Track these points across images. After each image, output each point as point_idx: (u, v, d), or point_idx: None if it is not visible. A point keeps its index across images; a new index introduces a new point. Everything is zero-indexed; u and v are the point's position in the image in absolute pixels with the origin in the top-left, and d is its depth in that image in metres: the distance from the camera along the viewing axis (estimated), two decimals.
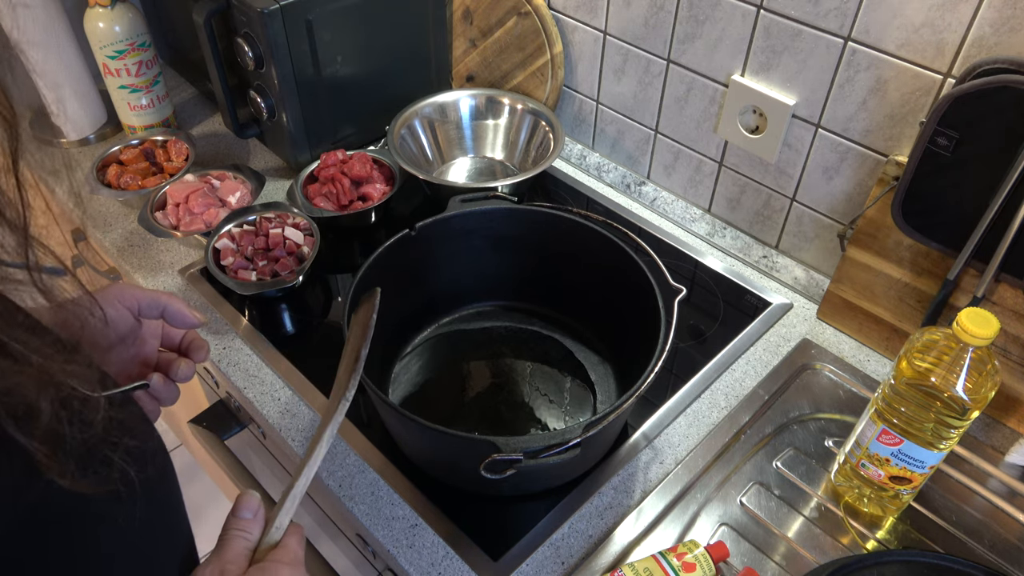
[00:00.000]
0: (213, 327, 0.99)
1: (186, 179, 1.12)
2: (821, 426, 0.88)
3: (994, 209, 0.77)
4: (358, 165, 1.11)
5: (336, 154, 1.12)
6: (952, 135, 0.77)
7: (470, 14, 1.26)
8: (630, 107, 1.16)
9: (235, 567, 0.49)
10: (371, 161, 1.13)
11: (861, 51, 0.86)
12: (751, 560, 0.76)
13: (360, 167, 1.11)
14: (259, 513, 0.53)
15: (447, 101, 1.23)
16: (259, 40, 1.05)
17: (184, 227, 1.06)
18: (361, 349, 0.67)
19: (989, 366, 0.67)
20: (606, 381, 0.92)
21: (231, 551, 0.50)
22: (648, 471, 0.84)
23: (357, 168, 1.11)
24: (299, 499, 0.55)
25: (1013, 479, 0.83)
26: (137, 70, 1.21)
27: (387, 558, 0.78)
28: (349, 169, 1.11)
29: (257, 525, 0.53)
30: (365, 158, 1.12)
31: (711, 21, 0.98)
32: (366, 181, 1.12)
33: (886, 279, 0.91)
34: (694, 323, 1.00)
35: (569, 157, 1.28)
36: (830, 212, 1.00)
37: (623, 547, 0.77)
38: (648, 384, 0.72)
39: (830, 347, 0.97)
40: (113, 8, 1.16)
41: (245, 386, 0.92)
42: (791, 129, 0.97)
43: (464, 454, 0.73)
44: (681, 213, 1.17)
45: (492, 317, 1.01)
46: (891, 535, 0.79)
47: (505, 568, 0.75)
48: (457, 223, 0.92)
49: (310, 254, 1.02)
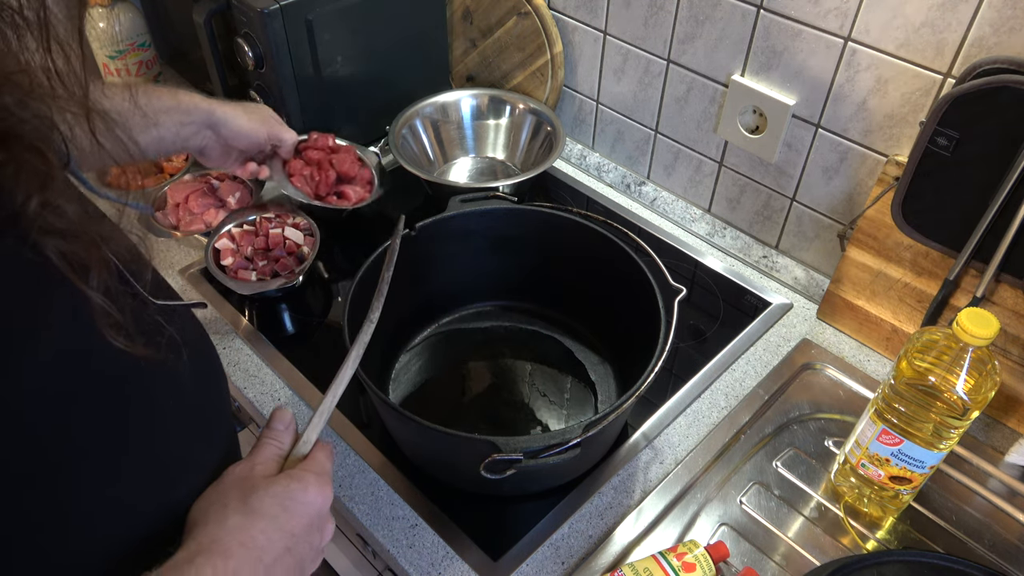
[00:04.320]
0: (213, 327, 0.99)
1: (186, 179, 1.12)
2: (821, 426, 0.88)
3: (994, 209, 0.77)
4: (348, 162, 1.08)
5: (328, 138, 1.08)
6: (952, 135, 0.77)
7: (470, 14, 1.26)
8: (630, 107, 1.16)
9: (265, 468, 0.53)
10: (358, 161, 1.11)
11: (861, 51, 0.86)
12: (751, 560, 0.76)
13: (349, 165, 1.08)
14: (291, 426, 0.57)
15: (449, 101, 1.23)
16: (259, 40, 1.05)
17: (184, 227, 1.06)
18: (384, 271, 0.71)
19: (989, 366, 0.67)
20: (606, 381, 0.92)
21: (263, 455, 0.54)
22: (648, 471, 0.84)
23: (347, 165, 1.07)
24: (326, 416, 0.59)
25: (1013, 479, 0.83)
26: (137, 70, 1.21)
27: (387, 558, 0.78)
28: (339, 163, 1.07)
29: (288, 436, 0.57)
30: (354, 156, 1.10)
31: (711, 21, 0.98)
32: (348, 181, 1.09)
33: (886, 279, 0.91)
34: (694, 323, 1.00)
35: (569, 157, 1.28)
36: (830, 212, 1.00)
37: (623, 547, 0.77)
38: (648, 384, 0.72)
39: (830, 347, 0.97)
40: (113, 8, 1.16)
41: (245, 386, 0.92)
42: (791, 129, 0.97)
43: (464, 454, 0.73)
44: (681, 213, 1.17)
45: (492, 317, 1.01)
46: (891, 535, 0.79)
47: (505, 568, 0.75)
48: (457, 223, 0.92)
49: (310, 254, 1.02)
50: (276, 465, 0.54)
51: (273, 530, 0.49)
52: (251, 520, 0.49)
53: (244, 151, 0.95)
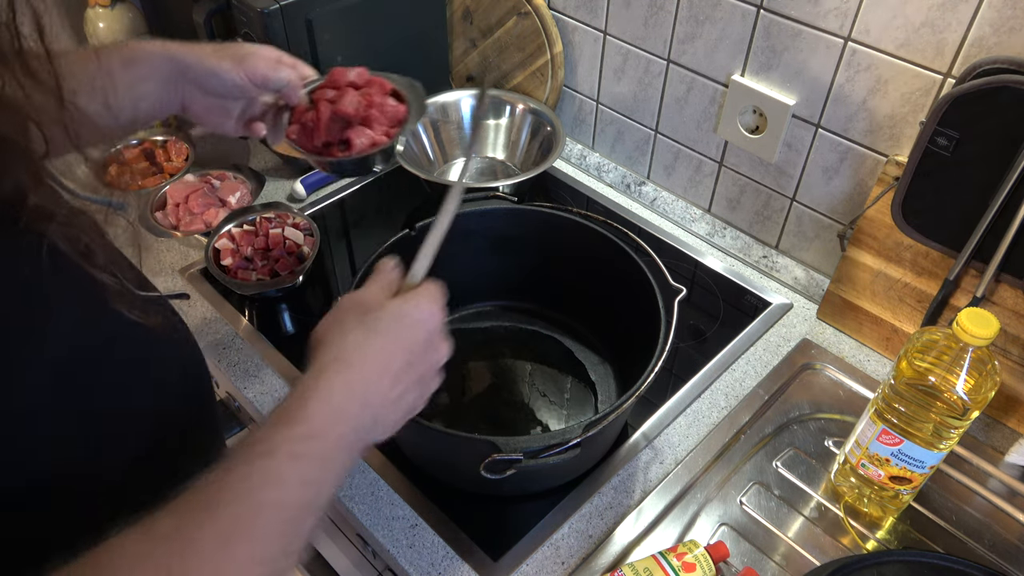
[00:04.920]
0: (213, 327, 0.99)
1: (186, 179, 1.12)
2: (821, 426, 0.88)
3: (994, 209, 0.77)
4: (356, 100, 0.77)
5: (346, 73, 0.79)
6: (952, 135, 0.77)
7: (470, 14, 1.26)
8: (630, 107, 1.16)
9: (377, 296, 0.56)
10: (387, 96, 0.80)
11: (861, 51, 0.86)
12: (751, 560, 0.76)
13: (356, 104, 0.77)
14: (397, 268, 0.60)
15: (448, 101, 1.23)
16: (259, 40, 1.05)
17: (184, 227, 1.06)
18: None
19: (989, 366, 0.67)
20: (606, 381, 0.92)
21: (374, 287, 0.57)
22: (648, 471, 0.84)
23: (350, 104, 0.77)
24: (431, 254, 0.61)
25: (1013, 479, 0.83)
26: None
27: (387, 558, 0.78)
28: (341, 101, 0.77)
29: (395, 274, 0.59)
30: (378, 91, 0.80)
31: (711, 21, 0.98)
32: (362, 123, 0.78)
33: (886, 279, 0.91)
34: (694, 323, 1.00)
35: (569, 157, 1.28)
36: (830, 212, 1.00)
37: (623, 547, 0.77)
38: (648, 384, 0.72)
39: (830, 347, 0.97)
40: (113, 8, 1.16)
41: (245, 386, 0.92)
42: (791, 129, 0.97)
43: (464, 454, 0.73)
44: (681, 213, 1.17)
45: (492, 317, 1.01)
46: (891, 535, 0.79)
47: (505, 568, 0.75)
48: (457, 223, 0.91)
49: (310, 254, 1.02)
50: (386, 294, 0.57)
51: (392, 344, 0.53)
52: (370, 337, 0.52)
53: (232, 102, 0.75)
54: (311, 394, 0.49)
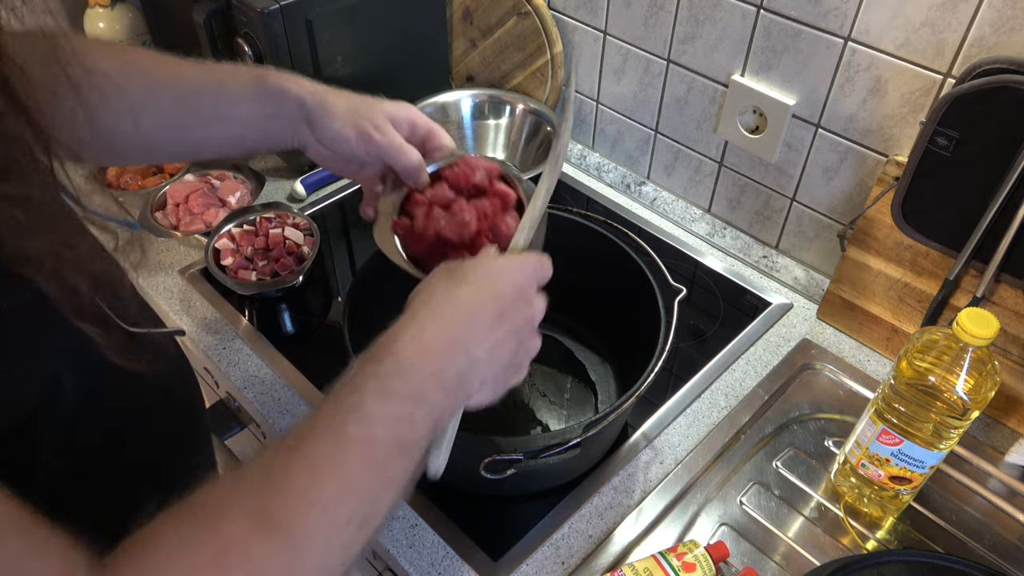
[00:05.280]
0: (213, 327, 0.99)
1: (186, 179, 1.12)
2: (821, 426, 0.88)
3: (994, 209, 0.77)
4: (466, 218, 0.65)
5: (476, 168, 0.68)
6: (952, 135, 0.77)
7: (470, 14, 1.26)
8: (630, 107, 1.16)
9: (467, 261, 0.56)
10: (509, 211, 0.69)
11: (861, 51, 0.86)
12: (751, 560, 0.76)
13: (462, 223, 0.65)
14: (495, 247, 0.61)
15: (449, 101, 1.23)
16: (259, 40, 1.05)
17: (184, 227, 1.06)
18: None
19: (989, 366, 0.67)
20: (606, 381, 0.92)
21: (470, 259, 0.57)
22: (648, 471, 0.84)
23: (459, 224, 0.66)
24: (534, 221, 0.63)
25: (1013, 479, 0.83)
26: None
27: (387, 558, 0.78)
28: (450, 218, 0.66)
29: (492, 247, 0.60)
30: (500, 204, 0.68)
31: (711, 21, 0.98)
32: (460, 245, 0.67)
33: (886, 279, 0.91)
34: (694, 323, 1.00)
35: (569, 157, 1.28)
36: (830, 212, 1.00)
37: (623, 547, 0.77)
38: (648, 384, 0.72)
39: (830, 347, 0.97)
40: (113, 8, 1.16)
41: (245, 386, 0.92)
42: (791, 129, 0.97)
43: (464, 454, 0.73)
44: (681, 213, 1.17)
45: None
46: (891, 535, 0.79)
47: (505, 568, 0.75)
48: None
49: (310, 254, 1.02)
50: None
51: (479, 293, 0.53)
52: (459, 286, 0.53)
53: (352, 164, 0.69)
54: (400, 333, 0.49)
